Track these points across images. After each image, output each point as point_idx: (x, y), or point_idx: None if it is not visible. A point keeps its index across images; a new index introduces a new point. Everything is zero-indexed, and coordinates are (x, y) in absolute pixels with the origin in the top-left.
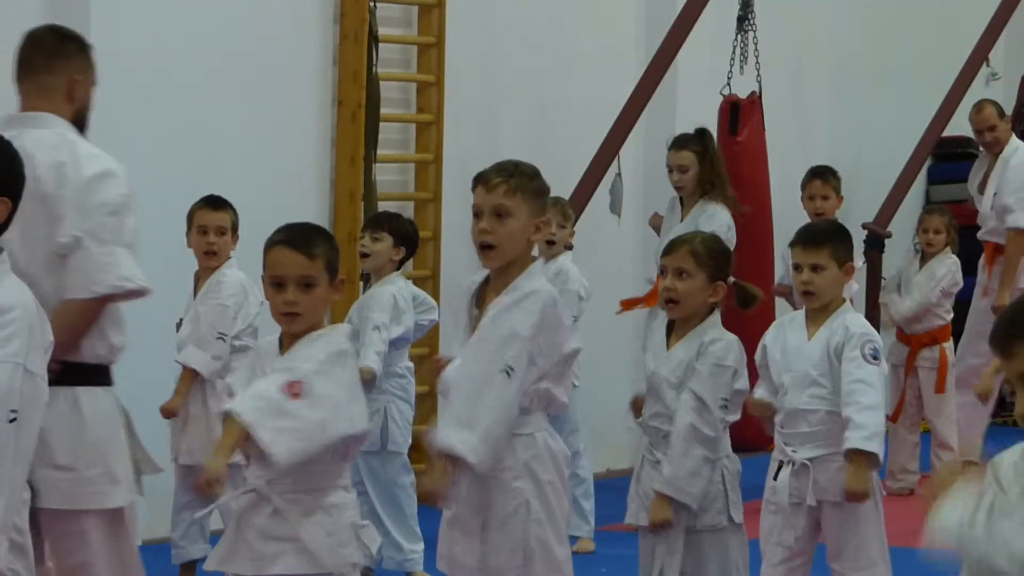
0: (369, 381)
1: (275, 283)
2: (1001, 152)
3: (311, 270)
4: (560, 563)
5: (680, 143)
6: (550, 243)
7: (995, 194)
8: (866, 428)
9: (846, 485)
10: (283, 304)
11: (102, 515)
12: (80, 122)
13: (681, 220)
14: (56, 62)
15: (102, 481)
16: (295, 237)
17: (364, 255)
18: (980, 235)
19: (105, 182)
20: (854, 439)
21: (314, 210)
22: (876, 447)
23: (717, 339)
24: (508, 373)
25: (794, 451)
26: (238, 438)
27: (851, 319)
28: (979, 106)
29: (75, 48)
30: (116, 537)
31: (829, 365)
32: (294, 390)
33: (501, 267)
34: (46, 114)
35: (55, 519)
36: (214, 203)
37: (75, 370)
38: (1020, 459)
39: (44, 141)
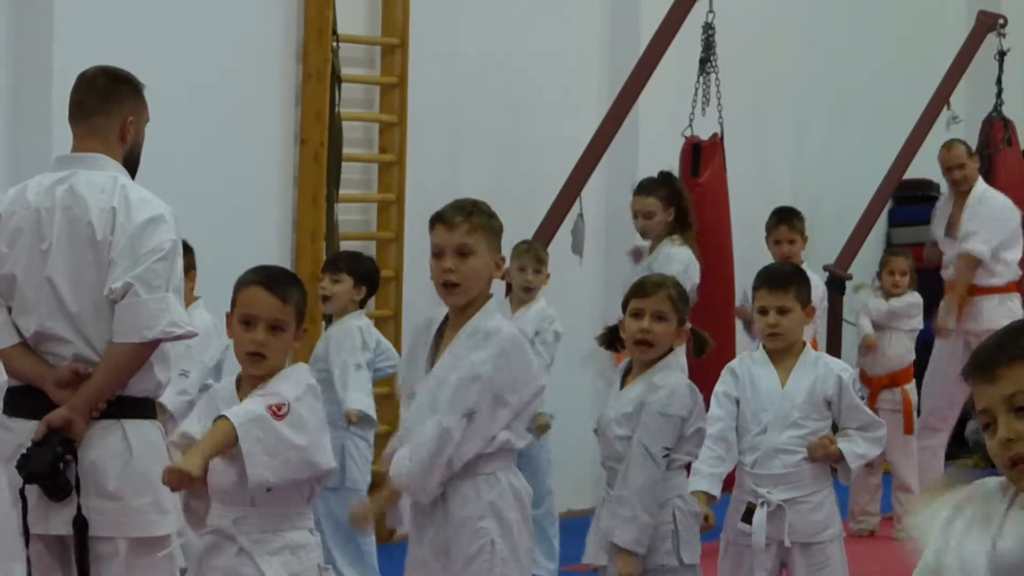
0: (362, 421)
1: (245, 321)
2: (968, 192)
3: (283, 314)
4: None
5: (645, 189)
6: (527, 289)
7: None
8: (864, 458)
9: (817, 447)
10: (251, 343)
11: (149, 543)
12: (132, 162)
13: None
14: (110, 104)
15: (150, 510)
16: (271, 279)
17: (325, 298)
18: (948, 276)
19: (155, 228)
20: (848, 452)
21: (276, 249)
22: (855, 466)
23: (660, 386)
24: (470, 417)
25: (768, 492)
26: (221, 444)
27: (833, 363)
28: (949, 144)
29: (128, 89)
30: (159, 566)
31: (813, 408)
32: (280, 412)
33: (460, 306)
34: (99, 155)
35: (102, 546)
36: None
37: (122, 404)
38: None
39: (96, 184)
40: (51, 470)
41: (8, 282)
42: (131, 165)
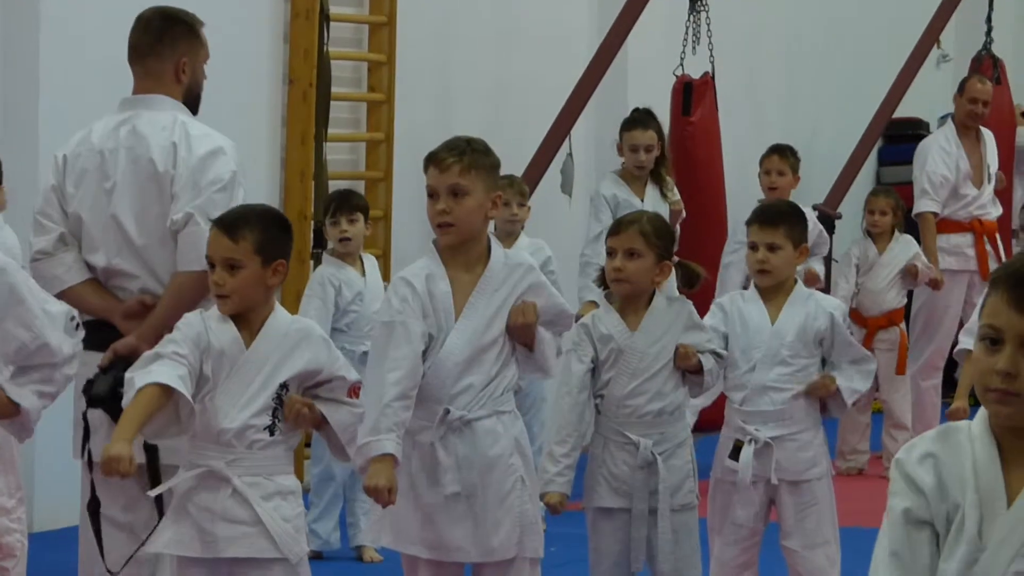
0: None
1: (208, 263)
2: (975, 130)
3: (235, 253)
4: (542, 536)
5: (645, 122)
6: (512, 222)
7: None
8: (858, 393)
9: (820, 387)
10: (212, 285)
11: None
12: (192, 99)
13: (643, 200)
14: (162, 46)
15: None
16: (225, 219)
17: (346, 239)
18: (969, 214)
19: (215, 160)
20: (846, 389)
21: (265, 189)
22: (851, 401)
23: (683, 301)
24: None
25: (756, 429)
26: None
27: (824, 301)
28: (982, 79)
29: (182, 30)
30: None
31: (803, 346)
32: (357, 391)
33: (458, 246)
34: (159, 96)
35: (171, 474)
36: None
37: None
38: (937, 445)
39: (157, 122)
40: (113, 394)
41: (76, 221)
42: (192, 103)
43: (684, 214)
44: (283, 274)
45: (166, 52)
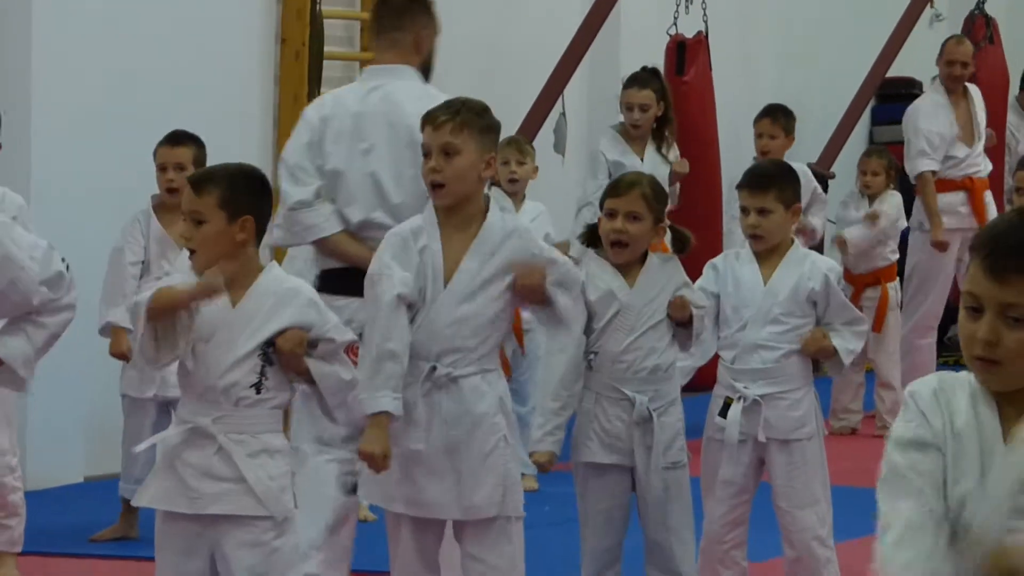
0: None
1: (183, 219)
2: (960, 92)
3: (198, 206)
4: (523, 496)
5: (643, 81)
6: (513, 181)
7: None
8: (854, 353)
9: (811, 342)
10: (179, 237)
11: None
12: (426, 69)
13: (643, 160)
14: (404, 20)
15: None
16: (194, 175)
17: None
18: (961, 172)
19: None
20: (842, 348)
21: (257, 149)
22: (848, 361)
23: (674, 259)
24: None
25: (745, 387)
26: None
27: (820, 261)
28: (961, 39)
29: (420, 7)
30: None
31: (796, 305)
32: (355, 350)
33: (452, 206)
34: (403, 66)
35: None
36: (173, 139)
37: None
38: (939, 388)
39: (409, 91)
40: None
41: (334, 176)
42: (425, 72)
43: (687, 172)
44: (251, 231)
45: (407, 25)
